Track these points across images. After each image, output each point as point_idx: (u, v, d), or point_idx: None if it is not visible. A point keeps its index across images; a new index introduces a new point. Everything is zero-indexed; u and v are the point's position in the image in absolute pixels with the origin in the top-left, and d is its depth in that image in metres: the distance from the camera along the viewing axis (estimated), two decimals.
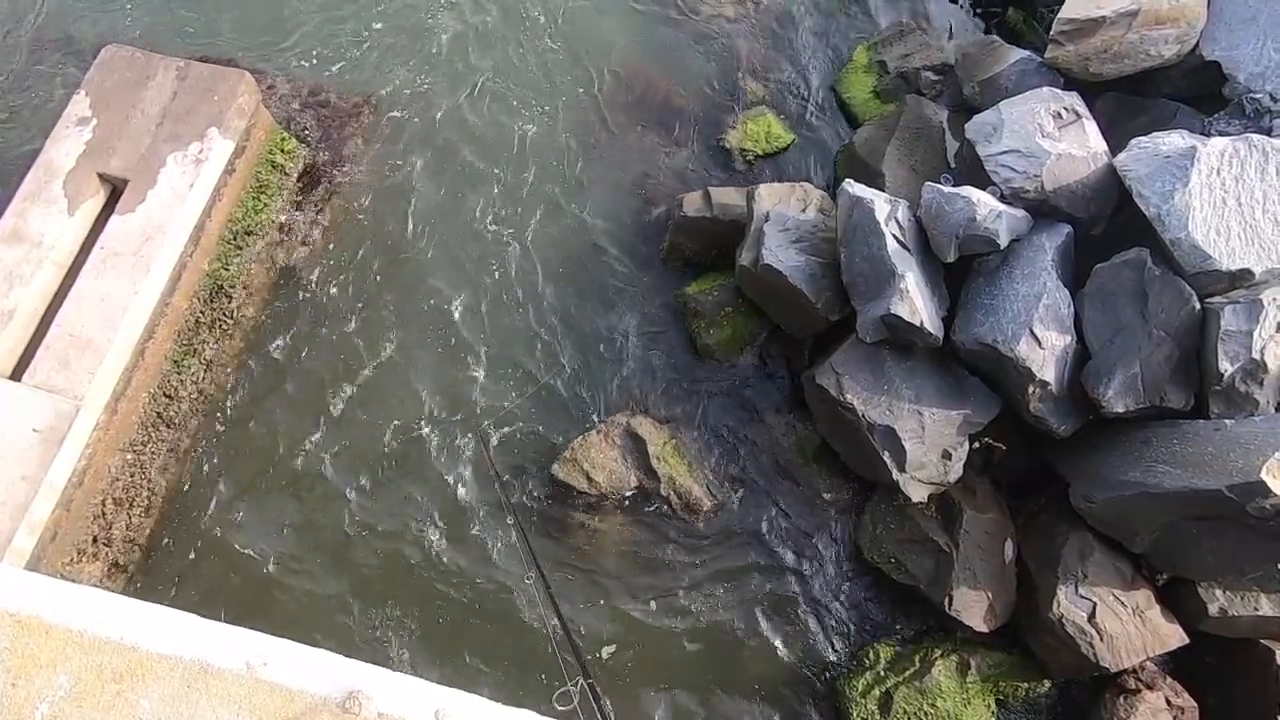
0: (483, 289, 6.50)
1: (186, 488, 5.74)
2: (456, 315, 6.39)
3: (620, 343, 6.38)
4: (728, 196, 6.37)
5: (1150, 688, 5.05)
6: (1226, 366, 4.81)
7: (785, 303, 5.92)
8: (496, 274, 6.56)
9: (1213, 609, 4.94)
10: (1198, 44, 5.92)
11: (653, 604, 5.61)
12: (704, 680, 5.44)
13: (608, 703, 3.39)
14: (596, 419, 6.08)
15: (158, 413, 5.80)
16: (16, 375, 5.28)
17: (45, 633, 3.53)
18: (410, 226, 6.68)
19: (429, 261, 6.56)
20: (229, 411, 5.98)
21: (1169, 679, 5.13)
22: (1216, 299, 5.00)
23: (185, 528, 5.63)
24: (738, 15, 7.80)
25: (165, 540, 5.60)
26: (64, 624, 3.53)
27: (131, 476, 5.62)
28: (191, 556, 5.56)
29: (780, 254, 5.75)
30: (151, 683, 3.43)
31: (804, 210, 6.06)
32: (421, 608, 5.48)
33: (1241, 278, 4.91)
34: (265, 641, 3.61)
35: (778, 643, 5.56)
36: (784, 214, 5.96)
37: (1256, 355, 4.74)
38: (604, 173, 7.00)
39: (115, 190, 5.89)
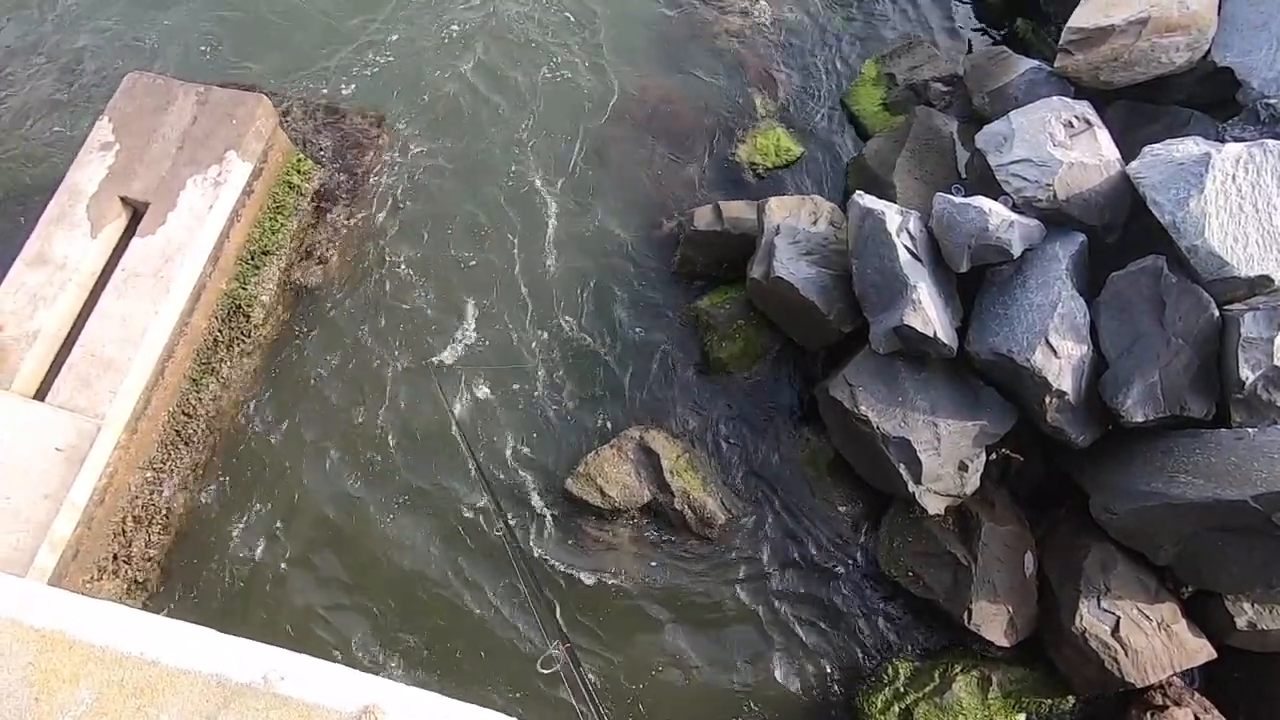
0: (496, 305, 6.55)
1: (205, 506, 5.80)
2: (471, 332, 6.44)
3: (633, 357, 6.40)
4: (738, 210, 6.40)
5: (1178, 704, 4.93)
6: (1248, 374, 4.74)
7: (797, 315, 5.92)
8: (510, 290, 6.61)
9: (1241, 622, 4.84)
10: (1209, 50, 5.89)
11: (665, 618, 5.57)
12: (720, 696, 5.38)
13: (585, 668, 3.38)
14: (610, 433, 6.08)
15: (177, 431, 5.88)
16: (40, 395, 5.37)
17: (68, 648, 3.57)
18: (423, 244, 6.75)
19: (443, 279, 6.63)
20: (247, 430, 6.04)
21: (1197, 695, 5.02)
22: (1235, 306, 4.94)
23: (204, 545, 5.68)
24: (747, 29, 7.87)
25: (184, 558, 5.65)
26: (86, 639, 3.58)
27: (151, 495, 5.68)
28: (210, 574, 5.60)
29: (791, 266, 5.75)
30: (171, 697, 3.46)
31: (815, 223, 6.07)
32: (440, 632, 5.48)
33: (1260, 284, 4.85)
34: (282, 656, 3.63)
35: (794, 658, 5.50)
36: (795, 227, 5.97)
37: (1278, 362, 4.67)
38: (615, 188, 7.05)
39: (136, 213, 6.01)
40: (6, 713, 3.43)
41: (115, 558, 5.47)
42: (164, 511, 5.68)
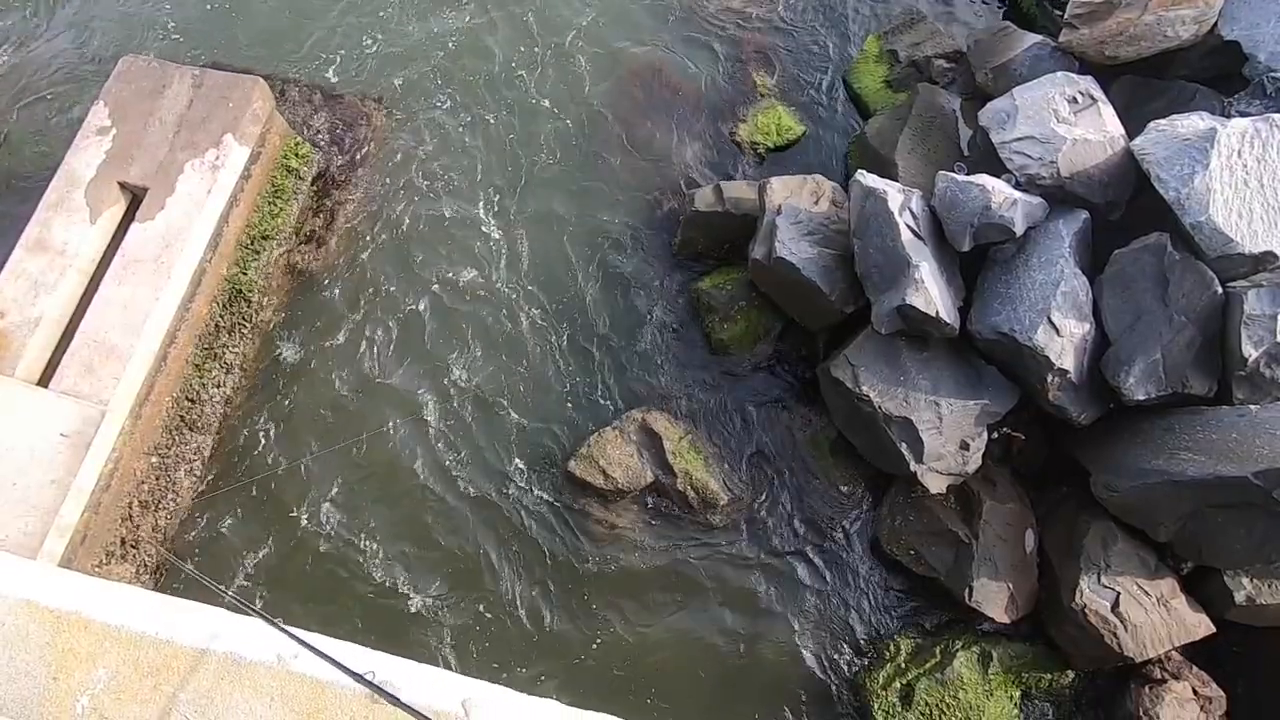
0: (497, 285, 6.53)
1: (212, 491, 5.83)
2: (471, 314, 6.43)
3: (635, 339, 6.40)
4: (739, 190, 6.36)
5: (1176, 678, 4.99)
6: (1251, 351, 4.74)
7: (799, 296, 5.90)
8: (510, 272, 6.60)
9: (1239, 597, 4.88)
10: (1216, 24, 5.81)
11: (670, 599, 5.62)
12: (723, 674, 5.45)
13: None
14: (612, 415, 6.10)
15: (181, 416, 5.90)
16: (44, 381, 5.38)
17: (84, 628, 3.62)
18: (423, 227, 6.73)
19: (444, 261, 6.61)
20: (250, 414, 6.06)
21: (1195, 669, 5.07)
22: (1239, 283, 4.93)
23: (210, 529, 5.72)
24: (746, 7, 7.77)
25: (191, 541, 5.70)
26: (102, 619, 3.63)
27: (157, 479, 5.72)
28: (217, 557, 5.65)
29: (793, 247, 5.73)
30: (187, 675, 3.51)
31: (816, 203, 6.03)
32: (439, 597, 5.54)
33: (1265, 261, 4.84)
34: (295, 635, 3.67)
35: (796, 636, 5.56)
36: (796, 207, 5.94)
37: None
38: (615, 169, 7.01)
39: (135, 198, 5.98)
40: (25, 691, 3.48)
41: (123, 542, 5.52)
42: (170, 496, 5.71)
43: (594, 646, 5.46)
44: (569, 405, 6.17)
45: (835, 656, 5.52)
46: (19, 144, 6.92)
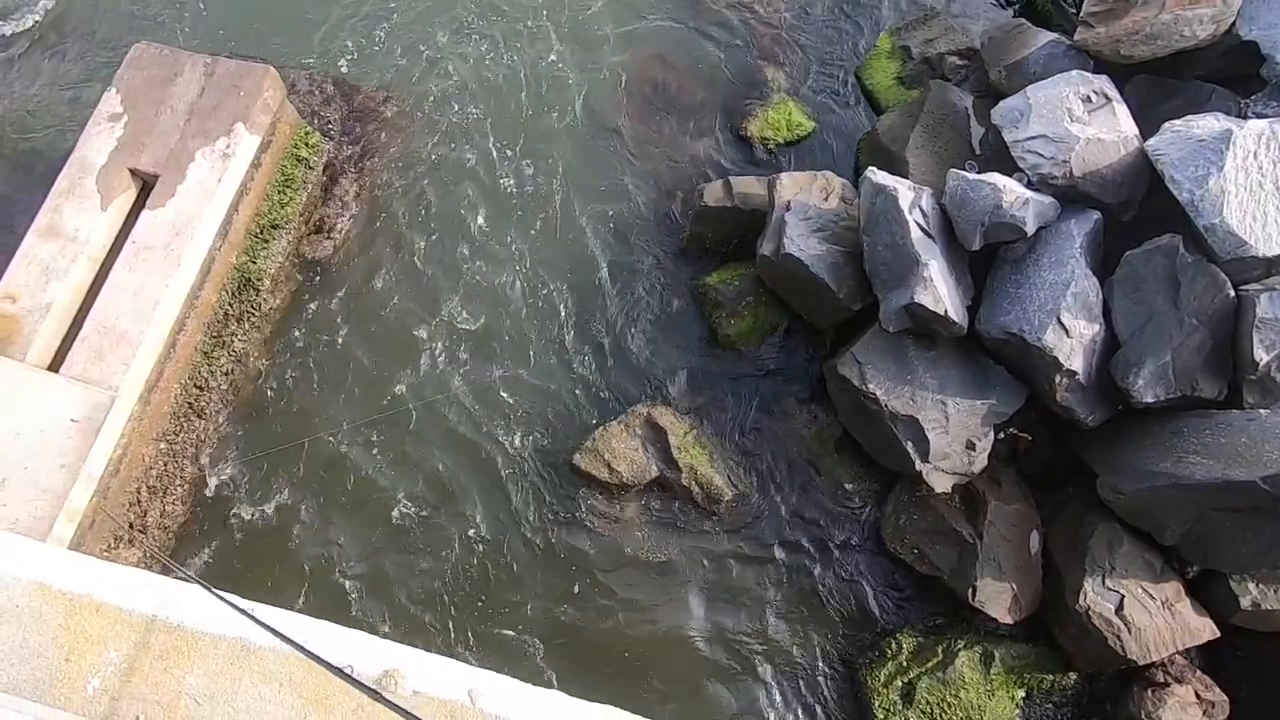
0: (505, 278, 6.54)
1: (218, 476, 5.87)
2: (479, 305, 6.44)
3: (641, 333, 6.40)
4: (749, 186, 6.34)
5: (1179, 681, 4.98)
6: (1262, 355, 4.71)
7: (807, 292, 5.89)
8: (518, 264, 6.60)
9: (1245, 602, 4.86)
10: (1234, 23, 5.75)
11: (672, 593, 5.64)
12: (723, 669, 5.46)
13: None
14: (617, 409, 6.10)
15: (189, 403, 5.93)
16: (55, 367, 5.42)
17: (96, 611, 3.67)
18: (433, 216, 6.73)
19: (452, 253, 6.62)
20: (258, 402, 6.10)
21: (1199, 673, 5.06)
22: (1252, 286, 4.89)
23: (217, 515, 5.76)
24: (758, 1, 7.73)
25: (198, 527, 5.74)
26: (113, 603, 3.68)
27: (165, 465, 5.76)
28: (224, 543, 5.69)
29: (802, 243, 5.72)
30: (197, 660, 3.57)
31: (826, 199, 6.01)
32: (447, 588, 5.57)
33: (1278, 264, 4.80)
34: (303, 622, 3.71)
35: (799, 633, 5.57)
36: (806, 203, 5.92)
37: None
38: (624, 162, 6.99)
39: (146, 185, 6.00)
40: (38, 672, 3.53)
41: (131, 527, 5.56)
42: (178, 482, 5.75)
43: (596, 639, 5.48)
44: (574, 399, 6.18)
45: (836, 653, 5.53)
46: (32, 129, 6.95)
